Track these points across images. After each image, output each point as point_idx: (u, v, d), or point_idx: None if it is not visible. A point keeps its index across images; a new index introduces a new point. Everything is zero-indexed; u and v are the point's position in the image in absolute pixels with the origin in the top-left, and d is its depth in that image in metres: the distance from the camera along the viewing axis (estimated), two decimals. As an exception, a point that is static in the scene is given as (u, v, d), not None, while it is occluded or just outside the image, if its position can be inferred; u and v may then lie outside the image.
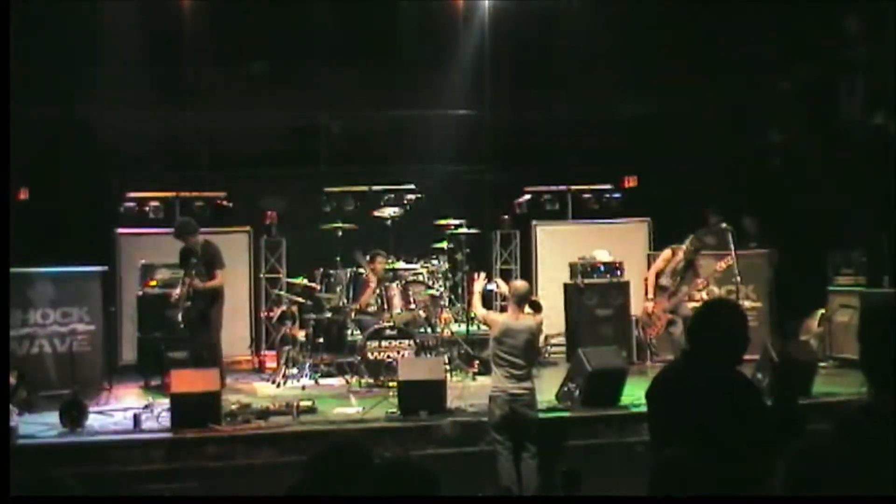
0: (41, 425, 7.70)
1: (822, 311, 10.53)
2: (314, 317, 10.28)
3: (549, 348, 11.15)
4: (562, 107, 12.71)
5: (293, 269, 11.42)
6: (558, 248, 11.95)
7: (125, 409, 8.31)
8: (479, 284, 7.81)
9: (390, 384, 8.90)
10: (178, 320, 9.16)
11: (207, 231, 10.10)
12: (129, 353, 10.87)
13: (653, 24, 11.81)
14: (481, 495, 5.93)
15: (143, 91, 11.37)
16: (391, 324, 9.80)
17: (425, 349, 9.90)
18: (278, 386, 9.78)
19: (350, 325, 10.53)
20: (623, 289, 11.03)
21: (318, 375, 10.03)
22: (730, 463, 3.40)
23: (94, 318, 9.84)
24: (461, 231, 10.97)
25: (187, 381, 7.80)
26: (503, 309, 8.89)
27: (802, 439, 3.15)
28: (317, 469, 3.19)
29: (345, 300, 10.39)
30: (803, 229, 11.08)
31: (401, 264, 10.52)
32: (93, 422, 7.81)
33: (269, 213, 11.86)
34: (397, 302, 10.06)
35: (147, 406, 8.27)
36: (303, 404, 8.23)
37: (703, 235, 11.16)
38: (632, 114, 12.80)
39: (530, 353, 7.33)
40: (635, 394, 8.19)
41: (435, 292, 10.53)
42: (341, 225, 10.70)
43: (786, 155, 12.15)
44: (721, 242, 10.09)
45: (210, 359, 8.95)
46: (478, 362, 10.02)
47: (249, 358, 11.41)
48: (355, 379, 9.72)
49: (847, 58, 11.24)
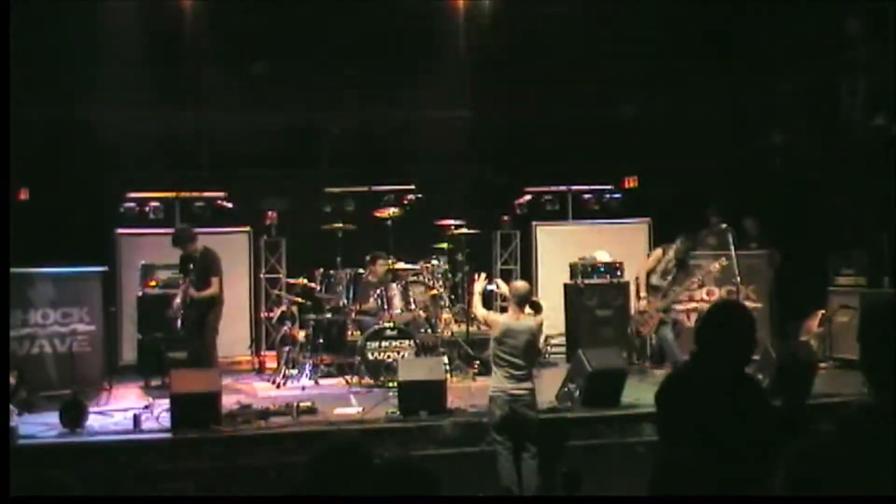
0: (41, 425, 7.70)
1: (822, 311, 10.53)
2: (314, 317, 10.28)
3: (549, 349, 11.15)
4: (562, 107, 12.68)
5: (293, 269, 11.42)
6: (558, 248, 11.95)
7: (125, 410, 8.31)
8: (480, 285, 7.80)
9: (390, 384, 8.91)
10: (177, 327, 9.25)
11: (207, 231, 10.10)
12: (129, 353, 10.89)
13: (653, 24, 11.78)
14: (481, 495, 5.94)
15: (143, 91, 11.33)
16: (391, 324, 9.80)
17: (425, 350, 9.89)
18: (278, 386, 9.78)
19: (350, 326, 10.53)
20: (623, 289, 11.03)
21: (318, 376, 10.04)
22: (739, 464, 3.39)
23: (94, 318, 9.81)
24: (461, 231, 10.96)
25: (187, 381, 7.80)
26: (503, 309, 8.88)
27: (803, 439, 3.15)
28: (317, 469, 3.18)
29: (345, 300, 10.39)
30: (803, 230, 11.09)
31: (401, 265, 10.52)
32: (93, 422, 7.82)
33: (269, 213, 11.85)
34: (397, 302, 10.06)
35: (147, 406, 8.27)
36: (303, 405, 8.23)
37: (704, 236, 11.20)
38: (632, 114, 12.78)
39: (531, 354, 7.33)
40: (635, 394, 8.20)
41: (435, 293, 10.53)
42: (341, 225, 10.71)
43: (786, 155, 12.15)
44: (721, 243, 10.11)
45: (205, 363, 8.95)
46: (478, 363, 10.03)
47: (249, 358, 11.41)
48: (355, 379, 9.72)
49: (848, 58, 11.23)
